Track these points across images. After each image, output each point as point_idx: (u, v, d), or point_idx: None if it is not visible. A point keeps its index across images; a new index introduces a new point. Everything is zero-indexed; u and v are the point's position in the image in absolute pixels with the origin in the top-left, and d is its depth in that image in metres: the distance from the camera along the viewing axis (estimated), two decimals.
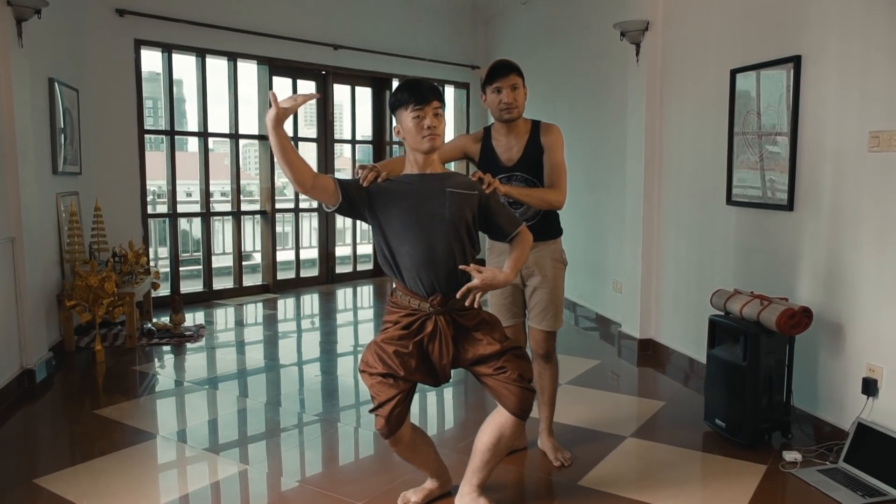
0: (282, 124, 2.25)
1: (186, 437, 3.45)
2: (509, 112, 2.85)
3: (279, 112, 2.20)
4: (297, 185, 2.33)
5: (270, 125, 2.23)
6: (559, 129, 2.97)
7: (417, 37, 8.18)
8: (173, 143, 6.50)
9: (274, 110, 2.20)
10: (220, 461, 3.15)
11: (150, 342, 5.14)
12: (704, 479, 3.00)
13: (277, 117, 2.21)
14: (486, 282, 2.37)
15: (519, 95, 2.85)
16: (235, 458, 3.19)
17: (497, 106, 2.86)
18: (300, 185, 2.33)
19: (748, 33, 3.85)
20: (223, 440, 3.42)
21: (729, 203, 4.01)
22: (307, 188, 2.35)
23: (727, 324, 3.36)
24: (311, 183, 2.34)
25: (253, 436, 3.48)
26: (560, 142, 2.93)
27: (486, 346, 2.46)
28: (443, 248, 2.40)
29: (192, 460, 3.20)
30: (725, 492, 2.83)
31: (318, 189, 2.37)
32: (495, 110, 2.88)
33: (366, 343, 5.42)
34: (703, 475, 3.04)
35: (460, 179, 2.49)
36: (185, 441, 3.38)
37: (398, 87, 2.44)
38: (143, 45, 6.11)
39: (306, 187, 2.34)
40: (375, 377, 2.42)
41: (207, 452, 3.25)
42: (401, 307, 2.49)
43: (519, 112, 2.87)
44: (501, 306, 3.07)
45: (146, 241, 6.24)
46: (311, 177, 2.34)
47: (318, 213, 7.95)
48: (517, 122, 2.91)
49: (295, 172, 2.30)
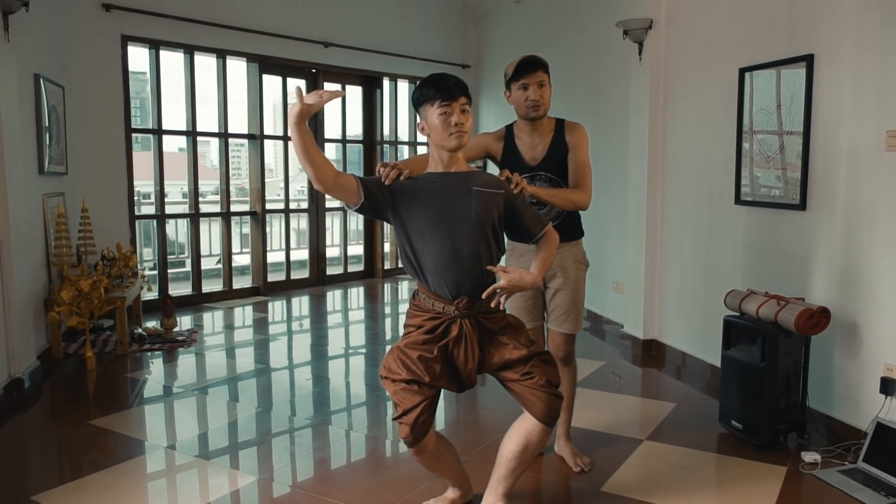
0: (305, 121, 2.16)
1: (185, 447, 3.32)
2: (535, 110, 2.77)
3: (303, 108, 2.11)
4: (318, 183, 2.24)
5: (293, 121, 2.13)
6: (584, 128, 2.90)
7: (408, 35, 8.09)
8: (160, 143, 6.34)
9: (298, 106, 2.11)
10: (212, 470, 3.06)
11: (142, 348, 4.99)
12: (727, 483, 2.94)
13: (301, 113, 2.12)
14: (513, 283, 2.30)
15: (546, 93, 2.78)
16: (228, 464, 3.12)
17: (523, 103, 2.78)
18: (321, 183, 2.24)
19: (757, 32, 3.81)
20: (218, 448, 3.32)
21: (738, 202, 3.96)
22: (328, 187, 2.26)
23: (743, 324, 3.31)
24: (333, 181, 2.25)
25: (246, 441, 3.40)
26: (585, 140, 2.87)
27: (512, 351, 2.38)
28: (468, 249, 2.32)
29: (188, 472, 3.09)
30: (750, 495, 2.78)
31: (340, 188, 2.28)
32: (521, 108, 2.80)
33: (357, 346, 5.50)
34: (726, 478, 2.98)
35: (486, 178, 2.41)
36: (184, 452, 3.26)
37: (423, 82, 2.35)
38: (130, 42, 5.95)
39: (328, 186, 2.25)
40: (399, 384, 2.32)
41: (201, 460, 3.16)
42: (424, 310, 2.40)
43: (545, 110, 2.80)
44: (522, 308, 2.97)
45: (134, 242, 6.07)
46: (332, 175, 2.25)
47: (308, 214, 7.81)
48: (542, 120, 2.83)
49: (316, 170, 2.21)
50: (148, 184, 6.96)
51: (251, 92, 6.98)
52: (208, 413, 3.82)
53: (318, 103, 2.15)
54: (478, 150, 2.94)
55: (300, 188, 8.63)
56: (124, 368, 4.58)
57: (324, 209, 7.81)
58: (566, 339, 2.96)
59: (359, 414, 3.83)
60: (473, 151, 2.93)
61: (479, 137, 2.97)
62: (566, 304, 2.92)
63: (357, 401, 4.05)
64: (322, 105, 2.19)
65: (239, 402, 3.96)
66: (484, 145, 2.94)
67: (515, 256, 2.98)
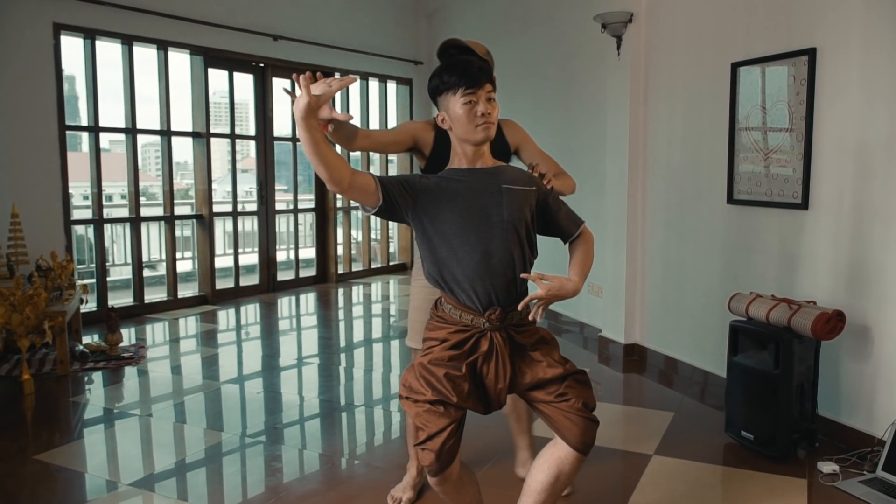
0: (313, 115, 1.86)
1: (131, 478, 2.98)
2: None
3: (310, 101, 1.82)
4: (332, 184, 1.96)
5: (299, 115, 1.84)
6: (517, 122, 2.76)
7: (360, 30, 7.77)
8: (98, 141, 5.83)
9: (304, 98, 1.82)
10: None
11: (84, 367, 4.52)
12: (752, 500, 2.77)
13: (308, 107, 1.82)
14: (552, 292, 2.05)
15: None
16: (176, 496, 2.83)
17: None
18: (336, 184, 1.96)
19: (751, 26, 3.68)
20: (167, 479, 3.00)
21: (730, 202, 3.83)
22: (344, 188, 1.97)
23: (752, 330, 3.17)
24: (349, 182, 1.97)
25: (197, 468, 3.12)
26: (527, 133, 2.73)
27: (546, 369, 2.13)
28: (501, 255, 2.07)
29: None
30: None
31: (357, 189, 1.99)
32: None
33: (310, 356, 5.14)
34: (749, 495, 2.81)
35: (517, 174, 2.16)
36: (131, 485, 2.91)
37: (442, 69, 2.09)
38: (63, 30, 5.44)
39: (343, 187, 1.97)
40: (422, 405, 2.05)
41: (147, 492, 2.86)
42: (450, 322, 2.13)
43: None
44: None
45: (70, 250, 5.56)
46: (348, 175, 1.97)
47: (257, 217, 7.38)
48: None
49: (330, 170, 1.92)
50: (84, 185, 6.43)
51: (196, 87, 6.53)
52: (156, 439, 3.47)
53: (326, 93, 1.87)
54: (405, 136, 2.58)
55: (248, 189, 8.17)
56: (65, 391, 4.12)
57: (273, 211, 7.40)
58: None
59: (312, 429, 3.61)
60: (400, 136, 2.57)
61: (408, 124, 2.64)
62: None
63: (310, 414, 3.80)
64: (332, 95, 1.90)
65: (187, 423, 3.64)
66: (412, 133, 2.58)
67: None
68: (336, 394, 4.16)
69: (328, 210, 7.83)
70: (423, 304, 2.65)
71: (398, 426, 3.63)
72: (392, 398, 4.13)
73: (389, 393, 4.21)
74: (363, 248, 8.58)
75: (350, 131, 2.39)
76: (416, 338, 2.65)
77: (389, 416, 3.81)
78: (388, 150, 2.59)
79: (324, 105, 1.90)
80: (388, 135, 2.58)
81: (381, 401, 4.08)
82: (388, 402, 4.04)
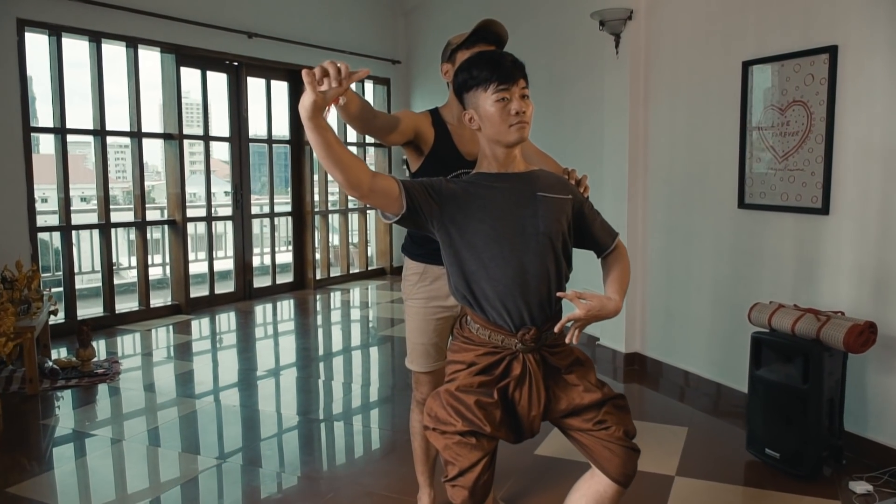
0: (321, 113, 1.64)
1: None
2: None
3: (317, 98, 1.60)
4: (350, 188, 1.74)
5: (307, 115, 1.62)
6: None
7: (336, 28, 7.52)
8: (64, 144, 5.50)
9: (310, 96, 1.60)
10: None
11: (55, 385, 4.22)
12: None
13: (315, 105, 1.61)
14: (592, 312, 1.84)
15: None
16: None
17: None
18: (355, 188, 1.74)
19: (763, 22, 3.53)
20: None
21: (741, 206, 3.68)
22: (363, 192, 1.76)
23: (778, 342, 3.01)
24: (369, 185, 1.76)
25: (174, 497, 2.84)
26: None
27: (582, 394, 1.93)
28: (536, 270, 1.86)
29: None
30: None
31: (378, 193, 1.78)
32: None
33: (288, 367, 4.87)
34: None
35: (551, 179, 1.96)
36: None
37: (471, 62, 1.88)
38: (27, 27, 5.10)
39: (363, 191, 1.75)
40: (452, 437, 1.84)
41: None
42: (478, 344, 1.92)
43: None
44: (430, 346, 2.41)
45: (36, 259, 5.22)
46: (368, 178, 1.75)
47: (232, 221, 7.08)
48: None
49: (347, 173, 1.71)
50: (50, 187, 6.08)
51: (167, 86, 6.21)
52: (130, 466, 3.22)
53: (334, 91, 1.65)
54: (408, 127, 2.27)
55: (224, 191, 7.86)
56: (35, 413, 3.82)
57: (249, 215, 7.11)
58: None
59: (290, 447, 3.41)
60: (404, 125, 2.25)
61: (409, 114, 2.33)
62: None
63: (289, 430, 3.61)
64: (343, 91, 1.68)
65: (162, 447, 3.38)
66: (415, 124, 2.29)
67: (428, 281, 2.40)
68: (315, 410, 3.94)
69: (305, 214, 7.56)
70: (421, 325, 2.41)
71: (382, 444, 3.44)
72: (374, 410, 3.95)
73: (371, 406, 4.04)
74: (341, 253, 8.31)
75: (361, 105, 2.07)
76: (419, 360, 2.43)
77: (370, 434, 3.63)
78: (389, 138, 2.23)
79: (332, 101, 1.68)
80: (391, 120, 2.23)
81: (363, 416, 3.89)
82: (370, 417, 3.87)
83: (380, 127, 2.18)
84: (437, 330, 2.40)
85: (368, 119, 2.11)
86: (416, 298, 2.39)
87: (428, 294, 2.38)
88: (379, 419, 3.86)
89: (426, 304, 2.38)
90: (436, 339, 2.40)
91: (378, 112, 2.18)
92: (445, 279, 2.35)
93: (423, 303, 2.38)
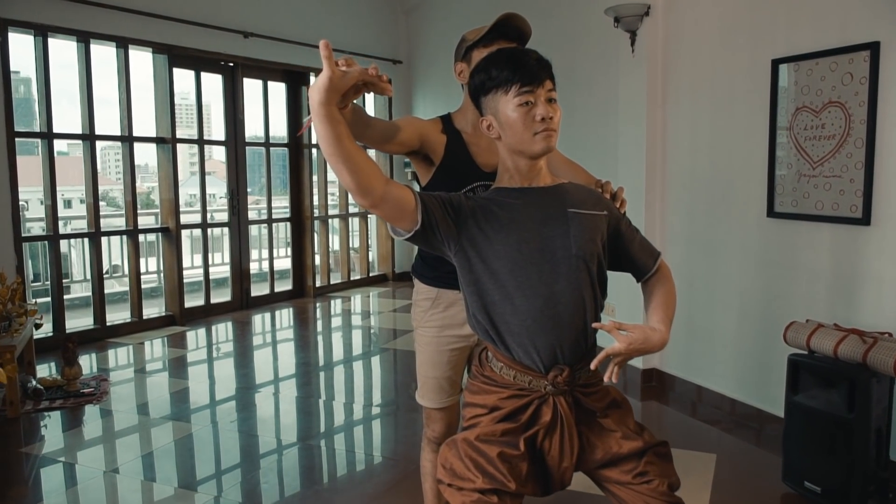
0: (336, 99, 1.41)
1: None
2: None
3: (333, 76, 1.37)
4: (359, 195, 1.51)
5: (318, 98, 1.39)
6: None
7: (335, 27, 7.27)
8: (51, 149, 5.25)
9: (326, 74, 1.37)
10: None
11: (38, 407, 3.97)
12: None
13: (331, 85, 1.38)
14: (634, 346, 1.60)
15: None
16: None
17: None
18: (365, 195, 1.51)
19: (796, 16, 3.28)
20: None
21: (770, 215, 3.44)
22: (374, 201, 1.52)
23: (818, 365, 2.76)
24: (381, 193, 1.52)
25: None
26: None
27: (620, 441, 1.69)
28: (569, 299, 1.63)
29: None
30: None
31: (391, 204, 1.54)
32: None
33: (286, 380, 4.63)
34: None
35: (582, 193, 1.72)
36: None
37: (490, 61, 1.64)
38: (10, 27, 4.84)
39: (373, 199, 1.52)
40: (470, 494, 1.59)
41: None
42: (501, 385, 1.68)
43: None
44: (444, 379, 2.16)
45: (22, 271, 4.98)
46: (381, 184, 1.52)
47: (229, 227, 6.83)
48: None
49: (357, 176, 1.47)
50: (36, 190, 5.84)
51: (159, 88, 5.96)
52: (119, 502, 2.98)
53: (356, 73, 1.41)
54: (411, 135, 1.99)
55: (224, 193, 7.62)
56: (17, 439, 3.58)
57: (246, 221, 6.86)
58: None
59: (290, 478, 3.19)
60: (406, 134, 1.98)
61: (413, 120, 2.06)
62: None
63: (288, 459, 3.37)
64: (363, 78, 1.45)
65: (157, 482, 3.12)
66: (420, 132, 2.02)
67: (441, 308, 2.14)
68: (316, 434, 3.70)
69: (304, 219, 7.31)
70: (434, 357, 2.15)
71: (387, 475, 3.18)
72: (378, 436, 3.72)
73: (374, 431, 3.82)
74: (342, 259, 8.06)
75: (352, 109, 1.76)
76: (431, 396, 2.18)
77: (373, 463, 3.38)
78: (387, 148, 1.96)
79: (349, 87, 1.43)
80: (392, 127, 1.95)
81: (366, 442, 3.66)
82: (372, 444, 3.64)
83: (374, 136, 1.90)
84: (451, 362, 2.15)
85: (360, 126, 1.82)
86: (428, 327, 2.14)
87: (441, 322, 2.13)
88: (382, 446, 3.61)
89: (439, 332, 2.13)
90: (450, 373, 2.16)
91: (373, 118, 1.90)
92: (461, 305, 2.12)
93: (436, 331, 2.13)
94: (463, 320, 2.09)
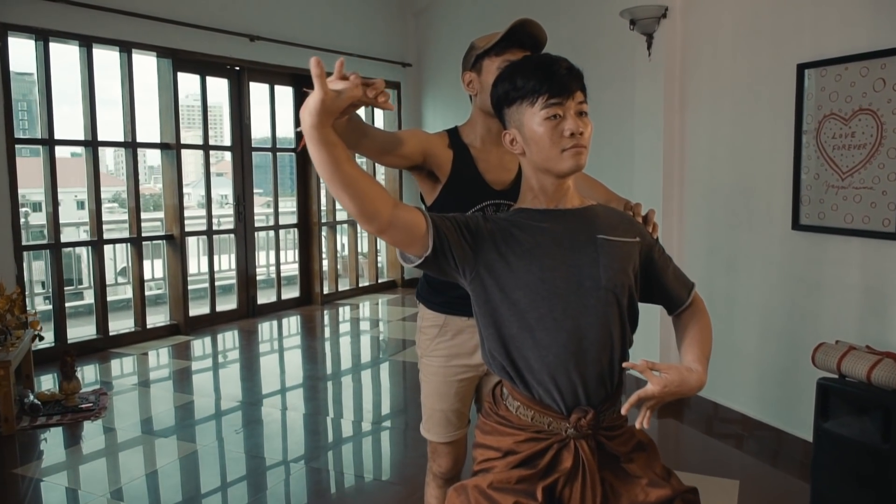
0: (330, 121, 1.27)
1: None
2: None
3: (325, 98, 1.23)
4: (364, 221, 1.37)
5: (311, 121, 1.25)
6: None
7: (343, 29, 7.14)
8: (52, 155, 5.14)
9: (318, 94, 1.23)
10: None
11: (35, 423, 3.85)
12: None
13: (324, 107, 1.24)
14: (670, 389, 1.44)
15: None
16: None
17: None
18: (370, 221, 1.37)
19: (823, 19, 3.12)
20: None
21: (796, 228, 3.27)
22: (382, 226, 1.38)
23: (850, 391, 2.60)
24: (389, 218, 1.38)
25: None
26: None
27: (647, 489, 1.53)
28: (595, 335, 1.48)
29: None
30: None
31: (399, 228, 1.40)
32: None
33: (293, 394, 4.51)
34: None
35: (613, 218, 1.58)
36: None
37: (514, 69, 1.50)
38: (11, 31, 4.74)
39: (380, 224, 1.38)
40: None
41: None
42: (518, 427, 1.53)
43: None
44: (451, 412, 2.02)
45: (22, 282, 4.87)
46: (388, 208, 1.38)
47: (235, 234, 6.71)
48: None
49: (361, 201, 1.34)
50: (37, 191, 5.74)
51: (164, 93, 5.85)
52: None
53: (349, 92, 1.27)
54: (414, 149, 1.86)
55: (222, 194, 7.51)
56: (13, 459, 3.46)
57: (252, 227, 6.75)
58: None
59: (298, 500, 3.07)
60: (409, 147, 1.85)
61: (417, 133, 1.93)
62: None
63: (295, 484, 3.23)
64: (357, 98, 1.30)
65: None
66: (424, 146, 1.88)
67: (449, 336, 2.01)
68: (323, 456, 3.56)
69: (312, 225, 7.19)
70: (441, 388, 2.01)
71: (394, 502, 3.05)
72: (387, 458, 3.60)
73: (382, 452, 3.70)
74: (350, 265, 7.93)
75: (355, 120, 1.68)
76: (437, 429, 2.03)
77: (381, 489, 3.23)
78: (385, 160, 1.84)
79: (344, 107, 1.29)
80: (392, 139, 1.83)
81: (374, 466, 3.54)
82: (381, 468, 3.51)
83: (371, 147, 1.76)
84: (459, 393, 2.01)
85: (356, 135, 1.68)
86: (435, 356, 2.00)
87: (448, 351, 1.99)
88: (391, 470, 3.46)
89: (446, 362, 1.98)
90: (458, 405, 2.01)
91: (372, 128, 1.77)
92: (469, 332, 1.98)
93: (443, 361, 1.99)
94: (472, 349, 1.95)
